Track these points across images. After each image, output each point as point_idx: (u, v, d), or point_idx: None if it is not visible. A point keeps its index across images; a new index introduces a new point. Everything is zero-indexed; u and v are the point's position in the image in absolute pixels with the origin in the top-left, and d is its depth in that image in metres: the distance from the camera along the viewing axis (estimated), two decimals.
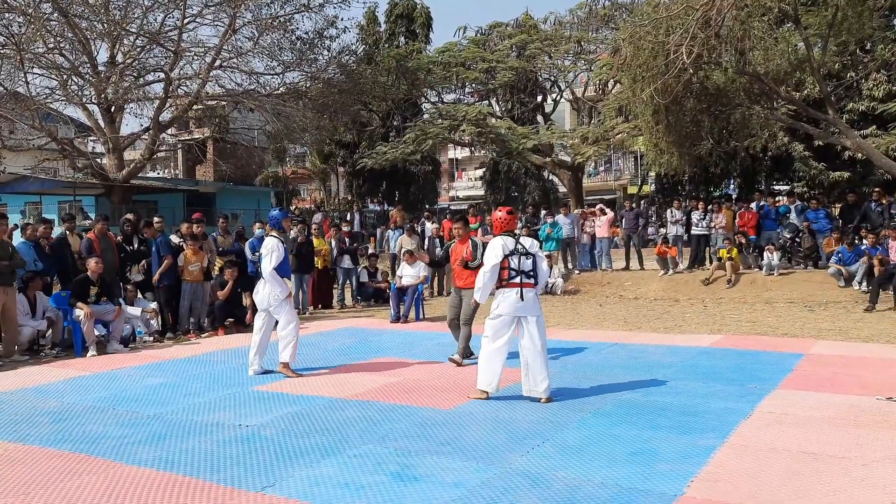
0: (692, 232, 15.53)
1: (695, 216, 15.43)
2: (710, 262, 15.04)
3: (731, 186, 27.53)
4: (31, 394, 6.89)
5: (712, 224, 15.21)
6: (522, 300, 5.98)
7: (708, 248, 15.57)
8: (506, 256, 6.00)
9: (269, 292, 7.29)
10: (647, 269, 15.65)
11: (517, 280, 6.01)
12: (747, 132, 16.31)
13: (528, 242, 6.18)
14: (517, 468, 4.41)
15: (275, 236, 7.41)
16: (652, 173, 29.62)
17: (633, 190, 35.30)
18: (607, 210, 16.38)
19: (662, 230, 18.74)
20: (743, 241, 14.58)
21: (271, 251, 7.23)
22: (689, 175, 23.88)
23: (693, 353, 8.12)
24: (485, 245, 7.28)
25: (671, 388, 6.42)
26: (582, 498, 3.92)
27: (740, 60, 13.18)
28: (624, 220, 16.24)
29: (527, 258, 6.06)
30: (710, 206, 15.78)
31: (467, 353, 7.79)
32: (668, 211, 16.67)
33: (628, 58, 13.46)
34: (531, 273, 6.08)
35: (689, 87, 13.28)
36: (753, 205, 15.60)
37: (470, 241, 7.89)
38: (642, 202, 22.34)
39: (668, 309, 12.33)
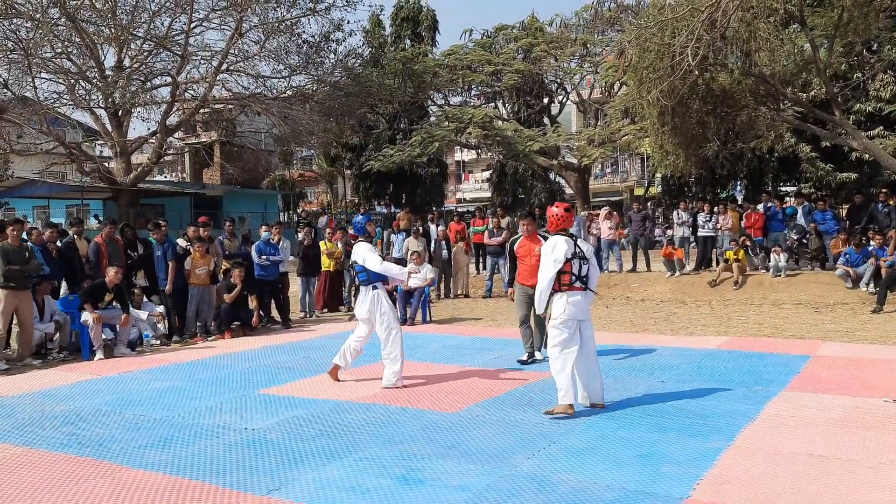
0: (699, 234, 15.49)
1: (701, 218, 15.40)
2: (717, 264, 14.99)
3: (738, 188, 27.46)
4: (38, 397, 6.93)
5: (719, 225, 15.17)
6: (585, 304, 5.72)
7: (714, 250, 15.52)
8: (568, 260, 5.67)
9: (370, 306, 6.90)
10: (654, 271, 15.61)
11: (579, 285, 5.71)
12: (753, 133, 16.26)
13: (584, 246, 5.87)
14: (523, 471, 4.41)
15: (362, 241, 7.34)
16: (658, 175, 29.60)
17: (639, 192, 35.25)
18: (613, 213, 16.35)
19: (669, 232, 18.71)
20: (749, 242, 14.52)
21: (367, 252, 6.98)
22: (695, 176, 23.86)
23: (700, 355, 8.10)
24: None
25: (678, 391, 6.40)
26: (588, 500, 3.92)
27: (746, 62, 13.14)
28: (631, 222, 16.21)
29: (584, 262, 5.77)
30: (716, 208, 15.74)
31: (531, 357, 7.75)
32: (675, 213, 16.63)
33: (634, 60, 13.45)
34: (586, 278, 5.78)
35: (694, 88, 13.24)
36: (760, 206, 15.55)
37: (541, 237, 7.35)
38: (649, 204, 22.28)
39: (674, 311, 12.30)
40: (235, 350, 9.36)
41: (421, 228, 15.00)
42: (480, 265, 16.07)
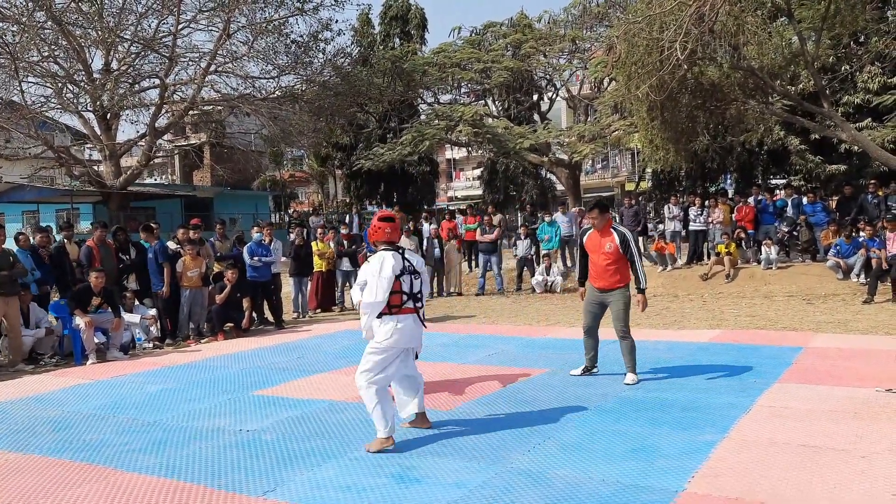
0: (690, 228, 15.56)
1: (692, 212, 15.46)
2: (709, 258, 15.05)
3: (728, 181, 27.56)
4: (31, 402, 6.88)
5: (710, 219, 15.23)
6: (417, 328, 5.04)
7: (706, 244, 15.58)
8: (397, 277, 4.90)
9: None
10: (645, 266, 15.63)
11: (410, 305, 4.98)
12: (743, 127, 16.31)
13: (414, 259, 5.10)
14: (518, 467, 4.42)
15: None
16: (649, 170, 29.64)
17: (630, 187, 35.30)
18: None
19: (660, 226, 18.74)
20: (741, 235, 14.58)
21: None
22: (685, 171, 23.90)
23: (692, 349, 8.13)
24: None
25: (671, 384, 6.42)
26: (583, 495, 3.92)
27: (734, 55, 13.19)
28: (623, 217, 16.25)
29: (416, 277, 5.04)
30: (707, 202, 15.80)
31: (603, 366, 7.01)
32: (666, 207, 16.69)
33: (623, 55, 13.47)
34: (420, 295, 5.07)
35: (683, 82, 13.28)
36: (751, 199, 15.61)
37: (614, 231, 6.67)
38: (640, 199, 22.31)
39: (667, 305, 12.33)
40: (228, 352, 9.33)
41: (413, 227, 14.99)
42: (473, 263, 16.07)
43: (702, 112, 14.60)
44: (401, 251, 5.06)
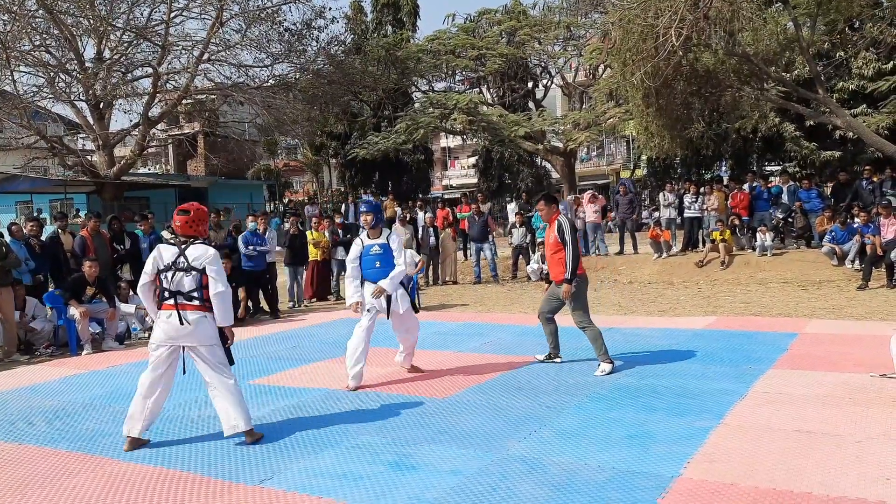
0: (685, 215, 15.57)
1: (687, 199, 15.47)
2: (704, 245, 15.07)
3: (723, 168, 27.58)
4: (27, 393, 6.87)
5: (705, 206, 15.24)
6: (182, 325, 4.87)
7: (701, 231, 15.60)
8: (159, 272, 4.92)
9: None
10: (641, 253, 15.67)
11: (171, 301, 4.89)
12: (738, 113, 16.33)
13: (195, 253, 4.92)
14: (514, 454, 4.43)
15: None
16: (644, 157, 29.65)
17: (625, 174, 35.30)
18: (598, 196, 16.38)
19: (655, 214, 18.77)
20: (736, 222, 14.61)
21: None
22: (680, 158, 23.93)
23: (688, 336, 8.15)
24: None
25: (666, 371, 6.44)
26: (579, 482, 3.94)
27: (729, 42, 13.15)
28: (618, 205, 16.25)
29: (188, 274, 4.90)
30: (702, 189, 15.80)
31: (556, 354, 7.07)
32: (661, 194, 16.70)
33: (618, 42, 13.43)
34: (193, 293, 4.91)
35: (678, 69, 13.25)
36: (746, 186, 15.62)
37: (556, 222, 6.62)
38: (635, 185, 22.31)
39: (662, 292, 12.36)
40: None
41: (408, 216, 14.97)
42: (468, 251, 16.07)
43: (697, 99, 14.59)
44: (181, 247, 4.95)
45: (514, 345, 8.10)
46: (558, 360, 7.04)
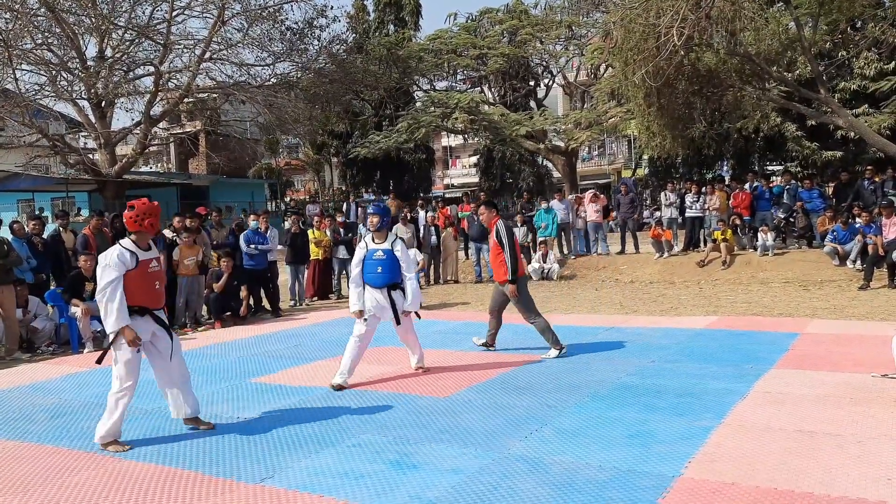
0: (686, 214, 15.56)
1: (689, 198, 15.46)
2: (705, 244, 15.07)
3: (725, 168, 27.55)
4: (28, 391, 6.88)
5: (706, 206, 15.24)
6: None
7: (702, 231, 15.60)
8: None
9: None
10: (643, 253, 15.67)
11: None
12: (739, 113, 16.30)
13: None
14: (515, 453, 4.43)
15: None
16: (645, 157, 29.64)
17: (626, 174, 35.29)
18: (599, 196, 16.39)
19: (657, 213, 18.76)
20: (738, 222, 14.60)
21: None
22: (682, 157, 23.90)
23: (689, 335, 8.15)
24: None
25: (667, 371, 6.44)
26: (580, 481, 3.94)
27: (731, 41, 13.15)
28: (619, 204, 16.24)
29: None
30: (703, 188, 15.80)
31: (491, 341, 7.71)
32: (662, 194, 16.69)
33: (619, 41, 13.42)
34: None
35: (680, 69, 13.24)
36: (748, 186, 15.61)
37: (495, 227, 7.24)
38: (636, 184, 22.30)
39: (663, 292, 12.36)
40: (226, 340, 9.33)
41: (409, 215, 14.96)
42: (469, 251, 16.04)
43: (698, 98, 14.57)
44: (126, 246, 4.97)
45: (515, 344, 8.10)
46: (492, 349, 7.57)
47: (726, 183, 18.26)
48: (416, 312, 6.74)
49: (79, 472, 4.44)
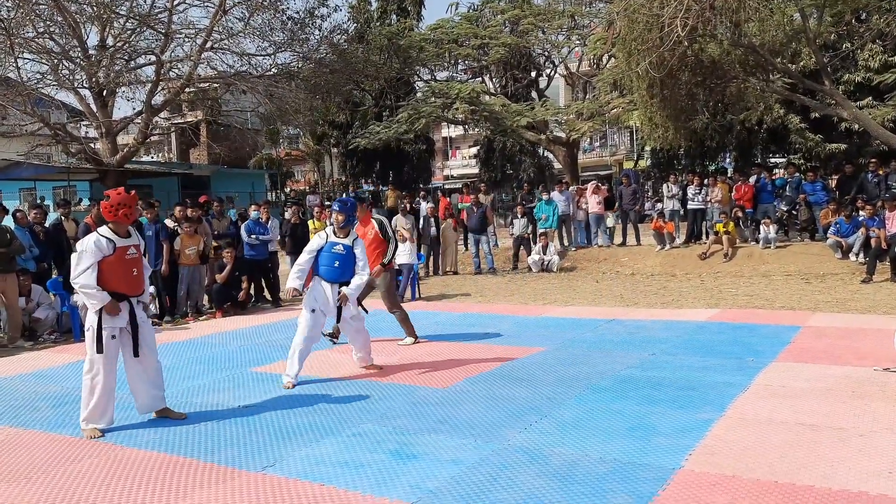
0: (688, 206, 15.52)
1: (691, 190, 15.42)
2: (707, 237, 15.04)
3: (727, 160, 27.48)
4: (31, 379, 6.90)
5: (708, 198, 15.20)
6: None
7: (704, 223, 15.57)
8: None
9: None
10: (644, 245, 15.65)
11: None
12: (743, 105, 16.23)
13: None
14: (515, 444, 4.44)
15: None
16: (647, 148, 29.56)
17: (628, 165, 35.21)
18: (601, 187, 16.35)
19: (659, 205, 18.72)
20: (740, 214, 14.56)
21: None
22: (684, 149, 23.80)
23: (690, 328, 8.14)
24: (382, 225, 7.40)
25: (668, 363, 6.44)
26: (580, 473, 3.94)
27: (735, 32, 13.07)
28: (621, 196, 16.19)
29: None
30: (705, 180, 15.75)
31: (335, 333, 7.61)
32: (665, 186, 16.64)
33: (622, 31, 13.36)
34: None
35: (684, 60, 13.18)
36: (752, 178, 15.56)
37: (373, 220, 7.49)
38: (638, 176, 22.24)
39: (664, 284, 12.35)
40: (227, 329, 9.34)
41: (409, 206, 14.93)
42: (468, 243, 16.03)
43: (702, 90, 14.52)
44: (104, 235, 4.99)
45: (515, 335, 8.11)
46: (334, 340, 7.64)
47: (729, 175, 18.20)
48: (362, 307, 6.61)
49: (81, 461, 4.45)
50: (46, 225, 10.50)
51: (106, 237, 4.97)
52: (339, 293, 6.16)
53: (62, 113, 23.66)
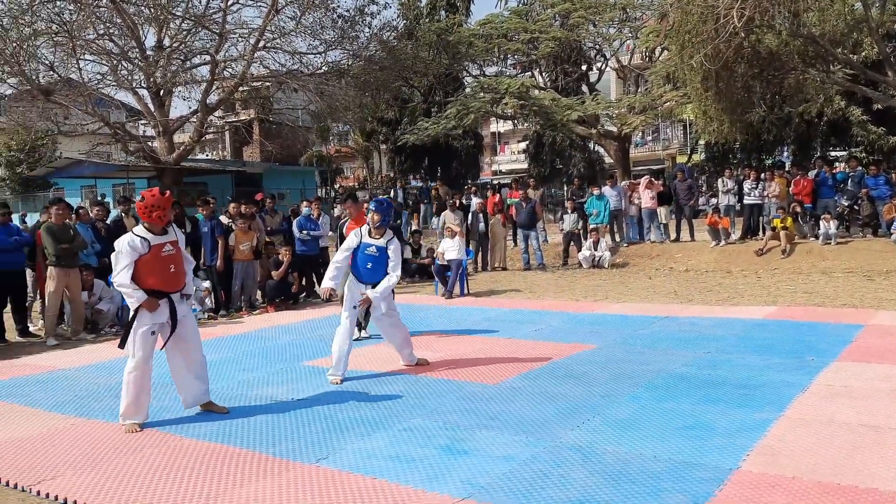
0: (745, 201, 15.16)
1: (747, 185, 15.05)
2: (764, 232, 14.67)
3: (785, 153, 26.74)
4: (94, 370, 7.15)
5: (766, 193, 14.81)
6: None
7: (761, 218, 15.18)
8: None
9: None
10: (698, 241, 15.34)
11: None
12: (802, 97, 15.80)
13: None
14: (567, 442, 4.40)
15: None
16: (701, 142, 28.96)
17: (681, 159, 34.57)
18: (654, 182, 16.07)
19: (713, 200, 18.33)
20: (798, 209, 14.15)
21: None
22: (740, 143, 23.27)
23: (747, 326, 7.95)
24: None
25: (724, 362, 6.30)
26: (635, 472, 3.89)
27: (794, 22, 12.71)
28: (677, 191, 15.89)
29: None
30: (762, 175, 15.35)
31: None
32: (720, 180, 16.29)
33: (676, 23, 13.13)
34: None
35: (740, 51, 12.89)
36: (812, 172, 15.10)
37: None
38: (692, 170, 21.80)
39: (720, 281, 12.08)
40: (279, 323, 9.51)
41: (458, 202, 14.92)
42: (516, 238, 15.95)
43: (758, 82, 14.17)
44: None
45: (565, 332, 8.04)
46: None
47: (787, 169, 17.70)
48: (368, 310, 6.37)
49: (142, 450, 4.59)
50: (108, 221, 10.84)
51: (140, 236, 5.05)
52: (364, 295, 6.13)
53: (121, 112, 24.39)
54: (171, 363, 5.30)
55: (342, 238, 7.55)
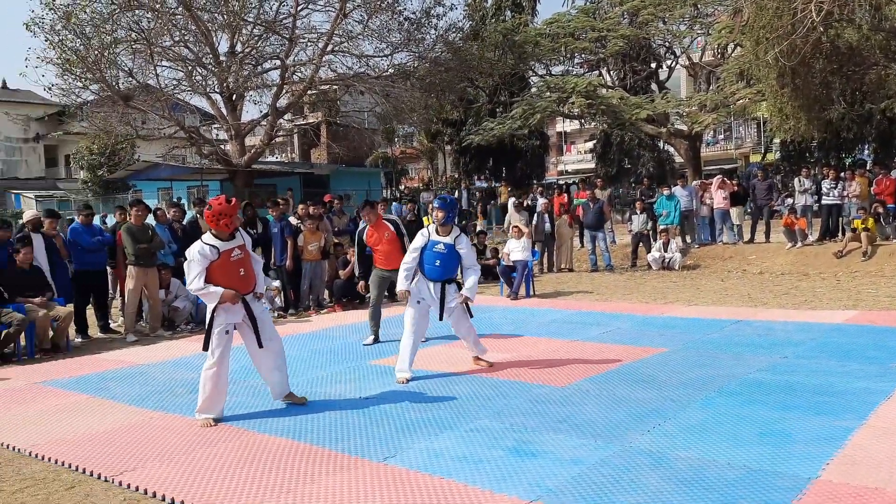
0: (823, 202, 14.57)
1: (826, 185, 14.46)
2: (843, 234, 14.06)
3: (866, 152, 25.58)
4: (170, 366, 7.42)
5: (845, 193, 14.20)
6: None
7: (840, 219, 14.56)
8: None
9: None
10: (773, 242, 14.83)
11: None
12: (884, 93, 15.11)
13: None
14: (637, 447, 4.32)
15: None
16: (776, 140, 27.99)
17: (755, 158, 33.48)
18: (727, 182, 15.62)
19: (789, 200, 17.68)
20: (880, 210, 13.51)
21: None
22: (817, 141, 22.40)
23: (825, 330, 7.64)
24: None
25: (802, 367, 6.07)
26: (707, 478, 3.79)
27: (875, 16, 12.18)
28: (755, 190, 15.38)
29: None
30: (842, 174, 14.73)
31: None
32: (797, 180, 15.69)
33: (750, 19, 12.73)
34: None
35: (817, 47, 12.40)
36: (894, 172, 14.40)
37: (387, 222, 7.93)
38: (766, 169, 21.07)
39: (796, 284, 11.65)
40: (347, 322, 9.67)
41: (524, 202, 14.84)
42: (583, 239, 15.76)
43: (837, 78, 13.62)
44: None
45: (635, 335, 7.89)
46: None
47: (868, 168, 16.93)
48: (467, 306, 6.40)
49: (216, 444, 4.74)
50: (184, 222, 11.25)
51: (209, 244, 5.19)
52: (455, 293, 6.24)
53: (196, 117, 25.22)
54: (256, 360, 5.49)
55: (360, 246, 8.09)
